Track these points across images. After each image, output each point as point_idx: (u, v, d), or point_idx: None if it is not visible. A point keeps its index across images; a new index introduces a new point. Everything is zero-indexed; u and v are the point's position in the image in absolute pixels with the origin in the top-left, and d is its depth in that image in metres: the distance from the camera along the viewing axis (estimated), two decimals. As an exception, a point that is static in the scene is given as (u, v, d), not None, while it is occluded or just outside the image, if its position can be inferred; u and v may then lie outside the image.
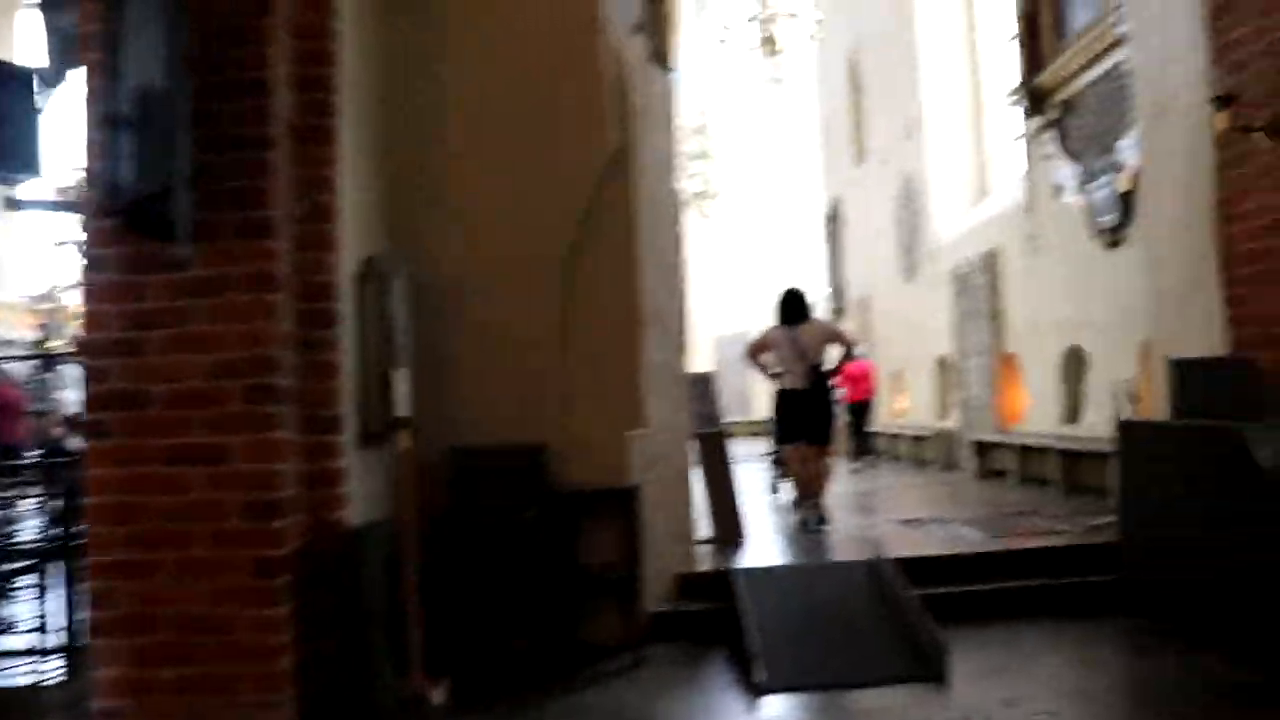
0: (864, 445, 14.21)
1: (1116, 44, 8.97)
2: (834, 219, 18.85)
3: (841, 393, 11.42)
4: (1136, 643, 5.35)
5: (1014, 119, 11.46)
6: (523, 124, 5.55)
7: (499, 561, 5.15)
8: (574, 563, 5.39)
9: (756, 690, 4.71)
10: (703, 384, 8.16)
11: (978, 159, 13.91)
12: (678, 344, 6.69)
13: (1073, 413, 10.27)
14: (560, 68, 5.60)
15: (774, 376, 8.37)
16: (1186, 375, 5.78)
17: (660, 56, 7.00)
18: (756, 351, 8.40)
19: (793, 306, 8.15)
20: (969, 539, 7.05)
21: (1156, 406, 7.13)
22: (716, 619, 5.67)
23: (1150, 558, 5.76)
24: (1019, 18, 10.89)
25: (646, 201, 6.05)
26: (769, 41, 13.93)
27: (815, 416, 8.07)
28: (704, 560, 6.69)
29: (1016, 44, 10.99)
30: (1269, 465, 4.85)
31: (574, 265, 5.60)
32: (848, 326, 14.86)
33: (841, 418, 11.98)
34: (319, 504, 4.22)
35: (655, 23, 6.96)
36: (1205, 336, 6.21)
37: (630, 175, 5.85)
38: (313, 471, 4.20)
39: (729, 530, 7.50)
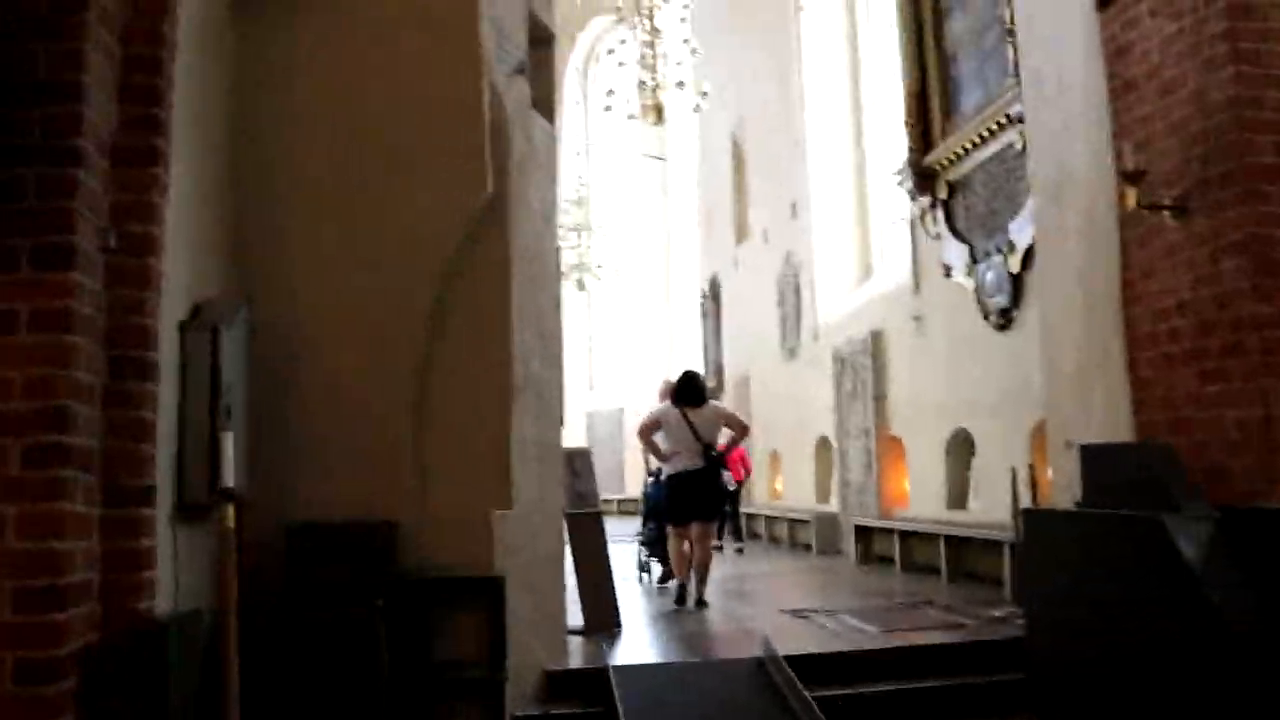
0: (737, 527, 13.86)
1: (1007, 124, 8.90)
2: (714, 296, 18.62)
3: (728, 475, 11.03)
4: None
5: (900, 198, 11.35)
6: (389, 163, 4.99)
7: (341, 659, 4.44)
8: (428, 660, 4.72)
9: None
10: (577, 460, 7.62)
11: (862, 239, 13.77)
12: (553, 416, 6.13)
13: (960, 498, 10.01)
14: (435, 104, 5.06)
15: (661, 456, 8.37)
16: (1096, 461, 5.47)
17: (542, 105, 6.53)
18: (649, 430, 8.39)
19: (690, 388, 8.27)
20: (861, 632, 6.60)
21: (1053, 492, 6.85)
22: (592, 723, 5.07)
23: (1059, 654, 5.36)
24: (907, 96, 10.80)
25: (523, 258, 5.53)
26: (654, 110, 13.64)
27: (707, 496, 8.16)
28: (576, 654, 6.08)
29: (904, 123, 10.90)
30: (1190, 557, 4.52)
31: (440, 323, 5.04)
32: (726, 405, 14.51)
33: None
34: (119, 591, 3.49)
35: (537, 69, 6.51)
36: (1107, 420, 5.93)
37: (506, 228, 5.32)
38: (112, 551, 3.48)
39: (603, 619, 6.91)
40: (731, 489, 11.86)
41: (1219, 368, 5.06)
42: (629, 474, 19.77)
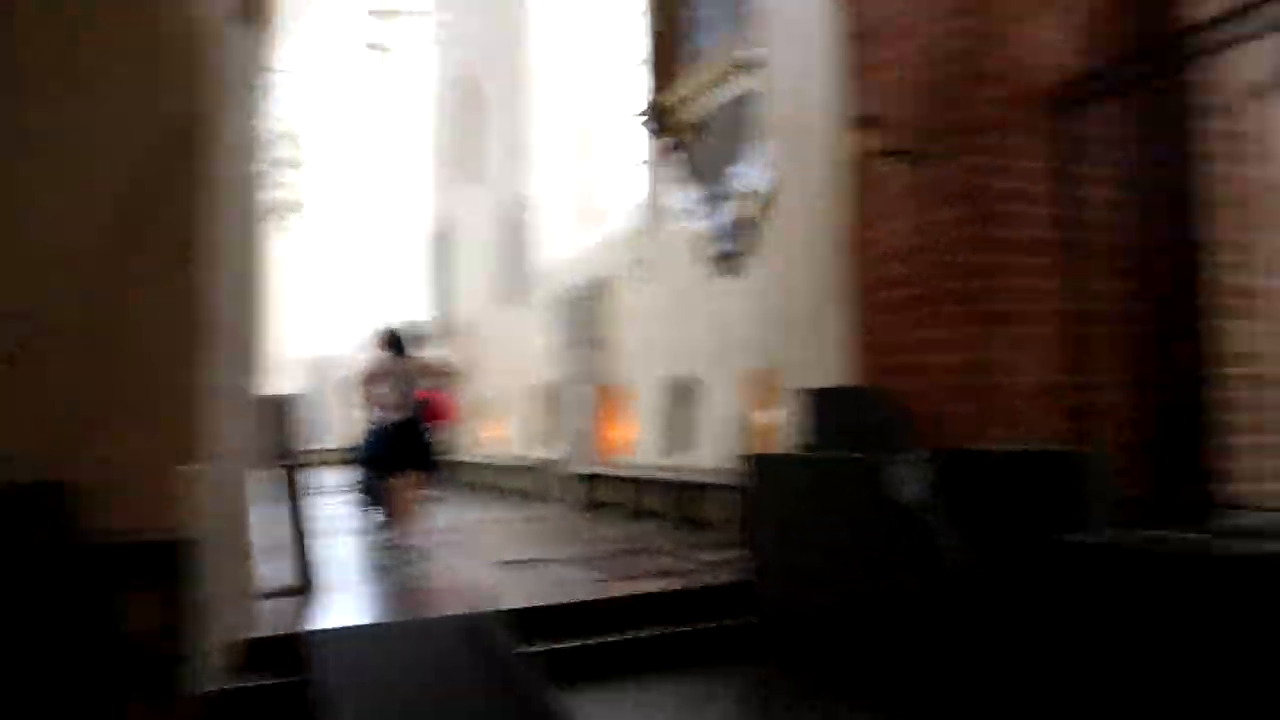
0: (449, 476, 13.50)
1: (744, 68, 8.83)
2: (442, 239, 17.97)
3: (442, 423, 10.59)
4: (773, 694, 4.92)
5: (634, 143, 11.18)
6: (65, 75, 4.33)
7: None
8: (108, 638, 4.08)
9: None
10: (279, 409, 6.98)
11: (589, 183, 13.59)
12: (250, 362, 5.54)
13: (684, 444, 10.01)
14: (122, 7, 4.38)
15: (381, 406, 8.23)
16: (820, 405, 5.45)
17: (250, 19, 5.84)
18: (367, 381, 8.28)
19: (397, 340, 8.29)
20: (583, 582, 6.39)
21: (777, 437, 6.87)
22: (291, 695, 4.59)
23: (785, 599, 5.35)
24: (650, 36, 10.61)
25: (216, 189, 4.86)
26: (379, 45, 12.88)
27: (417, 446, 8.14)
28: (277, 618, 5.55)
29: (644, 65, 10.71)
30: (909, 499, 4.54)
31: (122, 258, 4.40)
32: (451, 352, 14.06)
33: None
34: None
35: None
36: (834, 365, 5.96)
37: (201, 152, 4.67)
38: None
39: (304, 578, 6.37)
40: (440, 437, 11.49)
41: (941, 314, 5.12)
42: (342, 423, 18.92)
